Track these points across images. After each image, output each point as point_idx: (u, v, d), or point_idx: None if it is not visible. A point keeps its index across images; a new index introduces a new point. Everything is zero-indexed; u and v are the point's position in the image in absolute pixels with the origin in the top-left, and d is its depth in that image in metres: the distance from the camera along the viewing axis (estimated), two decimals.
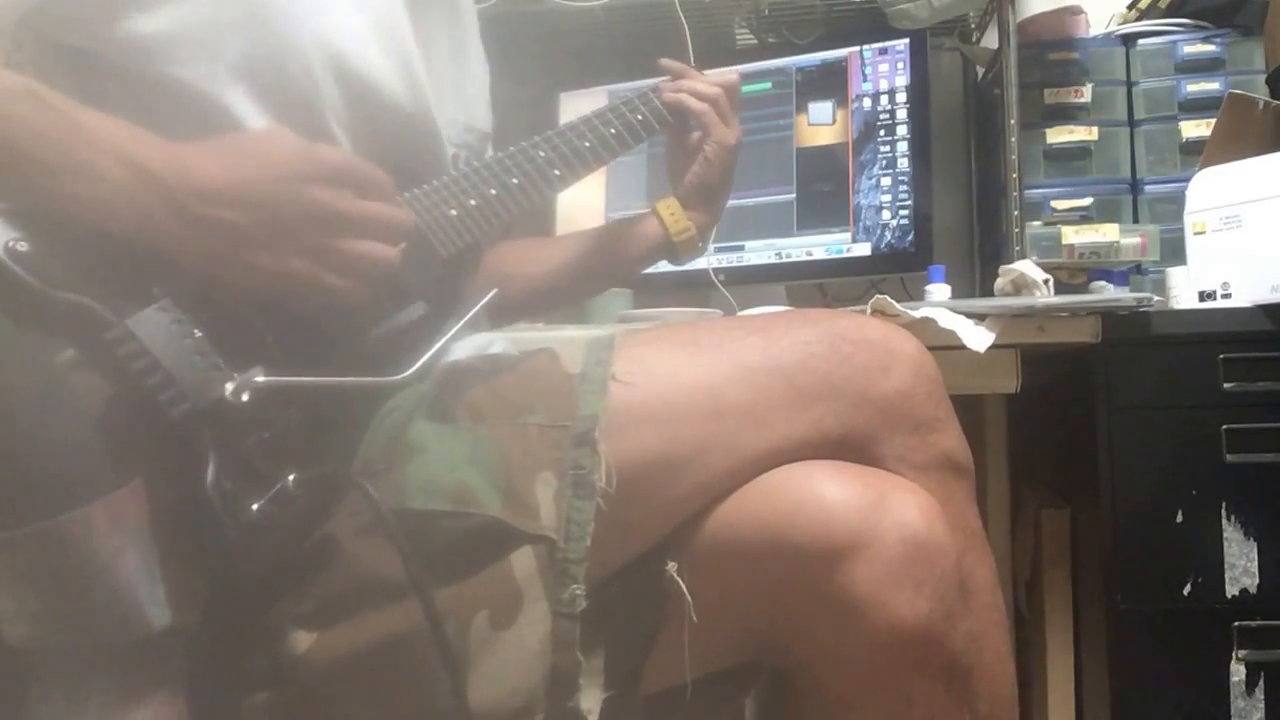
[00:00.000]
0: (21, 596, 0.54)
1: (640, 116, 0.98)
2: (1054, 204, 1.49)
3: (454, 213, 0.81)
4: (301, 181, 0.66)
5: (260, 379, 0.63)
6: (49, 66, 0.74)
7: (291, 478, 0.62)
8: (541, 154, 0.89)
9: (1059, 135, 1.50)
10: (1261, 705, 1.05)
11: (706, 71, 1.04)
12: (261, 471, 0.62)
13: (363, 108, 0.78)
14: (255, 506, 0.60)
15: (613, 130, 0.96)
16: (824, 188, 1.55)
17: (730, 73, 1.03)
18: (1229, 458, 1.07)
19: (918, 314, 1.06)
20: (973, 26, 1.70)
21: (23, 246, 0.59)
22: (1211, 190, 1.18)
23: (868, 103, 1.54)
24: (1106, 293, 1.30)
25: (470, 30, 0.96)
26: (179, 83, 0.72)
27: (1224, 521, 1.07)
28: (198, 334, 0.62)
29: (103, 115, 0.63)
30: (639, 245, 1.05)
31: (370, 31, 0.79)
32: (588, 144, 0.93)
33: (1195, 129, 1.45)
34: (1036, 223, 1.45)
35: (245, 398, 0.61)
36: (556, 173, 0.90)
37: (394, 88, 0.80)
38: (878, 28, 1.52)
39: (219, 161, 0.65)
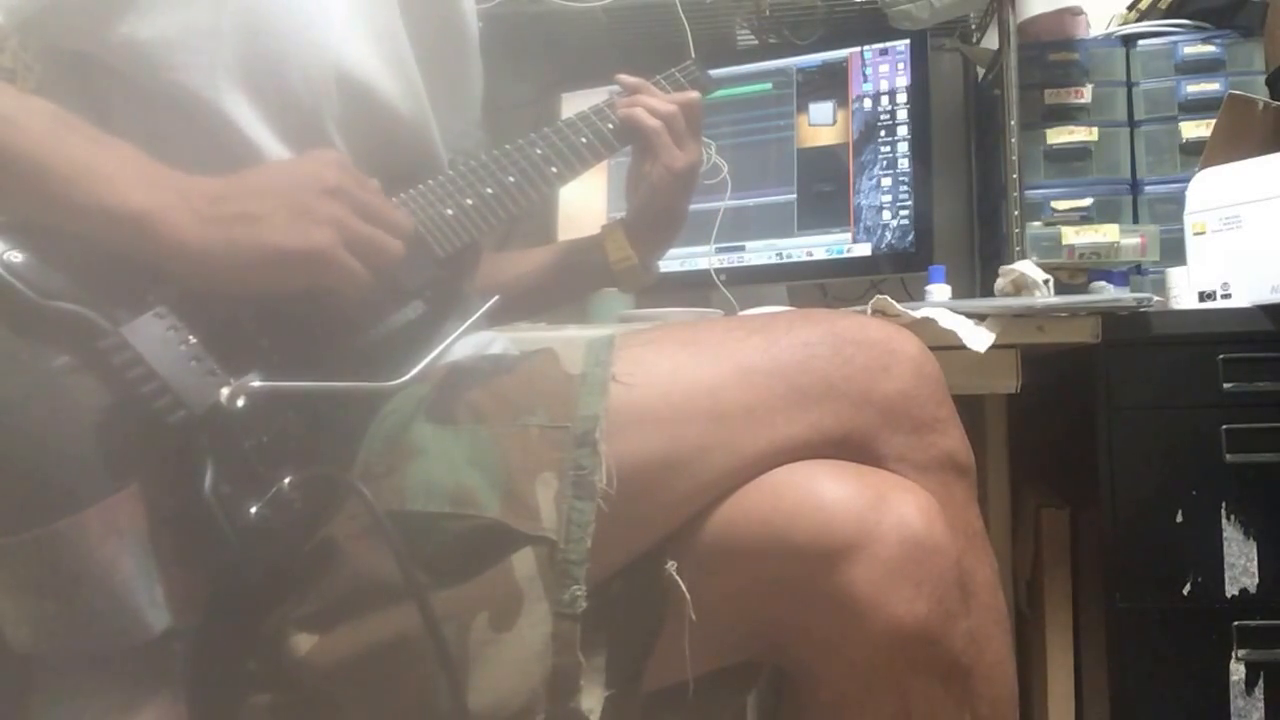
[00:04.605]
0: (22, 601, 0.54)
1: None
2: (1054, 204, 1.49)
3: (450, 212, 0.80)
4: (316, 165, 0.69)
5: (256, 384, 0.63)
6: (57, 68, 0.74)
7: (287, 480, 0.62)
8: (538, 151, 0.89)
9: (1059, 136, 1.50)
10: (1261, 705, 1.05)
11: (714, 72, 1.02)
12: (260, 475, 0.62)
13: (361, 113, 0.78)
14: (253, 510, 0.61)
15: (610, 126, 0.95)
16: (825, 188, 1.55)
17: (691, 92, 0.99)
18: (1229, 458, 1.07)
19: (918, 314, 1.06)
20: (973, 27, 1.70)
21: (16, 257, 0.59)
22: (1211, 191, 1.18)
23: (868, 103, 1.54)
24: (1106, 293, 1.30)
25: (467, 30, 0.95)
26: (178, 88, 0.71)
27: (1224, 521, 1.07)
28: (193, 340, 0.62)
29: (102, 145, 0.64)
30: (583, 271, 1.02)
31: (368, 36, 0.79)
32: (585, 140, 0.92)
33: (1195, 129, 1.45)
34: (1036, 223, 1.45)
35: (241, 403, 0.61)
36: (554, 170, 0.89)
37: (391, 92, 0.80)
38: (878, 28, 1.52)
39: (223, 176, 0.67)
